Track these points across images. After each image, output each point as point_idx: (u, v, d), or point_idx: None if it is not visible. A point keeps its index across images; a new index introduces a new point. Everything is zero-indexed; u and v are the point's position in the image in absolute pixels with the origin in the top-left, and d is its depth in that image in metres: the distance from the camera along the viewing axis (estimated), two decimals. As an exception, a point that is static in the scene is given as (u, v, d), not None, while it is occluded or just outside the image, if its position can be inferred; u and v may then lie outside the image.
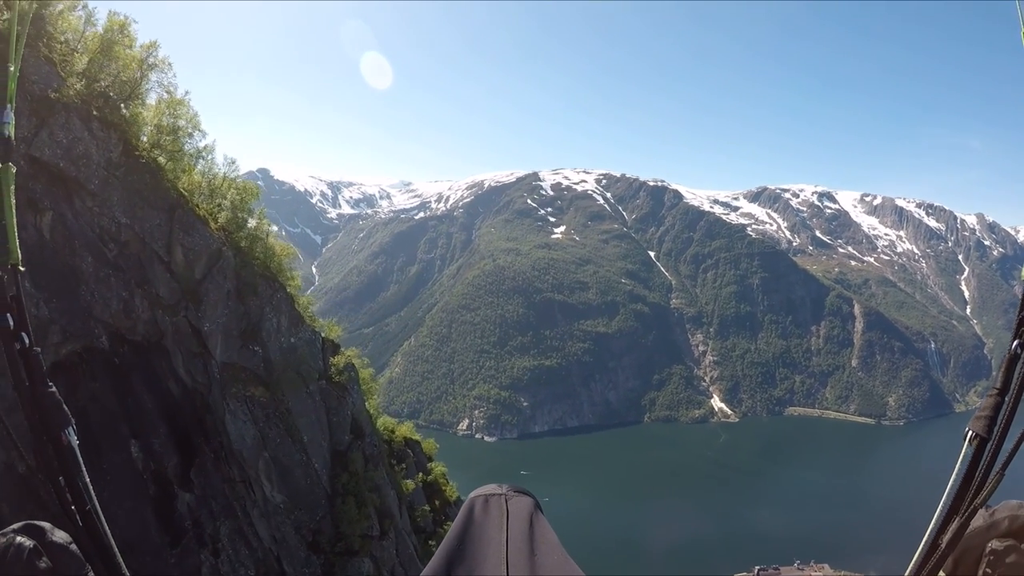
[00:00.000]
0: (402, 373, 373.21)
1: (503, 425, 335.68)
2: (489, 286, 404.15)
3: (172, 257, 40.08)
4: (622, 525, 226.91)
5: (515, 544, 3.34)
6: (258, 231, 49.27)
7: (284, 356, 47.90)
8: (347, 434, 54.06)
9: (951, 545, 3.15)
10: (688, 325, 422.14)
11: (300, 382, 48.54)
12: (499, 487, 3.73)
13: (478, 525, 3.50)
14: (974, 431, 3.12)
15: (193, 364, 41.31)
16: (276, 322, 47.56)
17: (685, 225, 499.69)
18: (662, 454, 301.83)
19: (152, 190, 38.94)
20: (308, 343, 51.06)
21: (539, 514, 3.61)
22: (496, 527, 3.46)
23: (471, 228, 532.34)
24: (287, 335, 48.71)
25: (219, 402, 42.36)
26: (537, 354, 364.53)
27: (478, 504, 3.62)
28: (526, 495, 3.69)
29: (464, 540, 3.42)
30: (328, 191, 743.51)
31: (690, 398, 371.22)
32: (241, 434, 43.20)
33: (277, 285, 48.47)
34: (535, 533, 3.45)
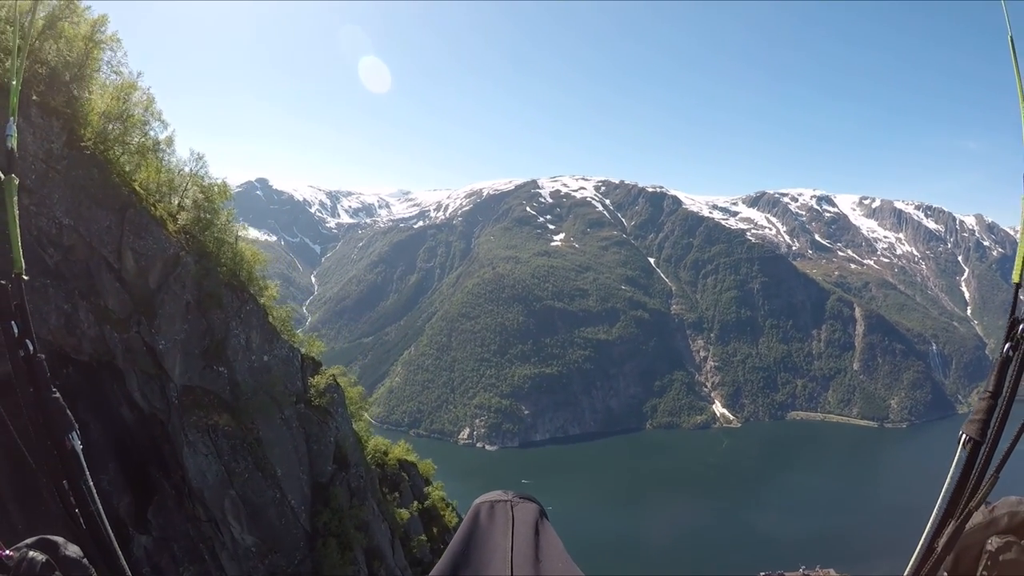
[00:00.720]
0: (402, 382, 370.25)
1: (504, 434, 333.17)
2: (489, 294, 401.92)
3: (123, 264, 36.43)
4: (625, 533, 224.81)
5: (520, 550, 3.33)
6: (224, 234, 45.00)
7: (254, 377, 43.28)
8: (329, 464, 49.46)
9: (947, 548, 3.12)
10: (689, 331, 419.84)
11: (273, 407, 43.69)
12: (504, 493, 3.76)
13: (483, 531, 3.50)
14: (968, 435, 3.12)
15: (149, 387, 37.98)
16: (245, 338, 43.20)
17: (684, 231, 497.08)
18: (664, 461, 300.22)
19: (100, 187, 35.31)
20: (284, 361, 47.01)
21: (544, 521, 3.63)
22: (501, 533, 3.45)
23: (470, 236, 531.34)
24: (258, 353, 44.28)
25: (178, 432, 38.33)
26: (538, 362, 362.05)
27: (483, 510, 3.62)
28: (532, 502, 3.71)
29: (469, 546, 3.43)
30: (327, 200, 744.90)
31: (692, 404, 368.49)
32: (201, 470, 38.83)
33: (246, 296, 44.32)
34: (540, 539, 3.45)
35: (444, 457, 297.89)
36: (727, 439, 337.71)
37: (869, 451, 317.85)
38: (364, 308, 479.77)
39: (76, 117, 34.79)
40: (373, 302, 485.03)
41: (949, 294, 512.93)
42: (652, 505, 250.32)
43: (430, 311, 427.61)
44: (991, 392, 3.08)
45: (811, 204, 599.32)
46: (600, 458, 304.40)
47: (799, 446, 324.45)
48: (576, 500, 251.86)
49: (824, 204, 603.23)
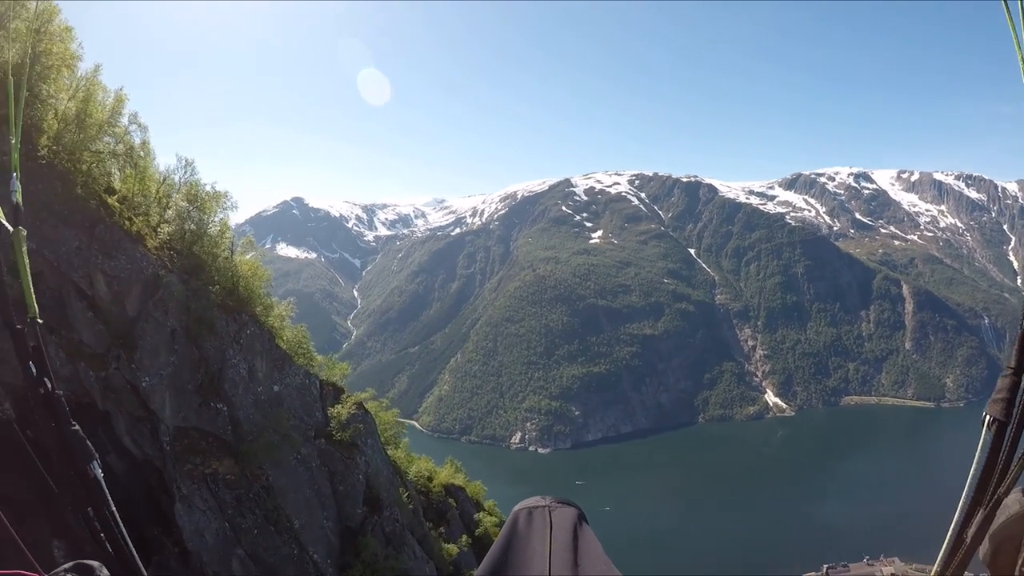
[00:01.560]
0: (451, 390, 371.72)
1: (556, 436, 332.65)
2: (531, 296, 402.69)
3: (95, 290, 32.01)
4: (683, 529, 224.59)
5: (558, 555, 3.33)
6: (216, 247, 39.77)
7: (261, 412, 38.04)
8: (359, 507, 43.67)
9: (977, 539, 3.04)
10: (735, 320, 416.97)
11: (286, 446, 38.35)
12: (543, 499, 3.74)
13: (522, 537, 3.50)
14: (991, 415, 3.00)
15: (138, 431, 33.03)
16: (247, 368, 37.89)
17: (723, 219, 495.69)
18: (719, 454, 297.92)
19: (64, 202, 30.92)
20: (299, 390, 41.90)
21: (583, 524, 3.62)
22: (539, 539, 3.45)
23: (508, 240, 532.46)
24: (266, 383, 39.02)
25: (171, 484, 33.27)
26: (585, 361, 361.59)
27: (522, 517, 3.63)
28: (570, 506, 3.71)
29: (507, 553, 3.42)
30: (363, 215, 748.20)
31: (743, 395, 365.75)
32: (199, 529, 33.23)
33: (245, 318, 38.94)
34: (579, 543, 3.45)
35: (496, 463, 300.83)
36: (781, 429, 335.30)
37: (927, 433, 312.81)
38: (408, 318, 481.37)
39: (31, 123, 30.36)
40: (417, 312, 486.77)
41: (997, 264, 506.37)
42: (709, 501, 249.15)
43: (474, 317, 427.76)
44: (1013, 368, 2.98)
45: (849, 182, 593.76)
46: (654, 455, 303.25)
47: (855, 432, 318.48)
48: (631, 499, 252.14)
49: (862, 181, 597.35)
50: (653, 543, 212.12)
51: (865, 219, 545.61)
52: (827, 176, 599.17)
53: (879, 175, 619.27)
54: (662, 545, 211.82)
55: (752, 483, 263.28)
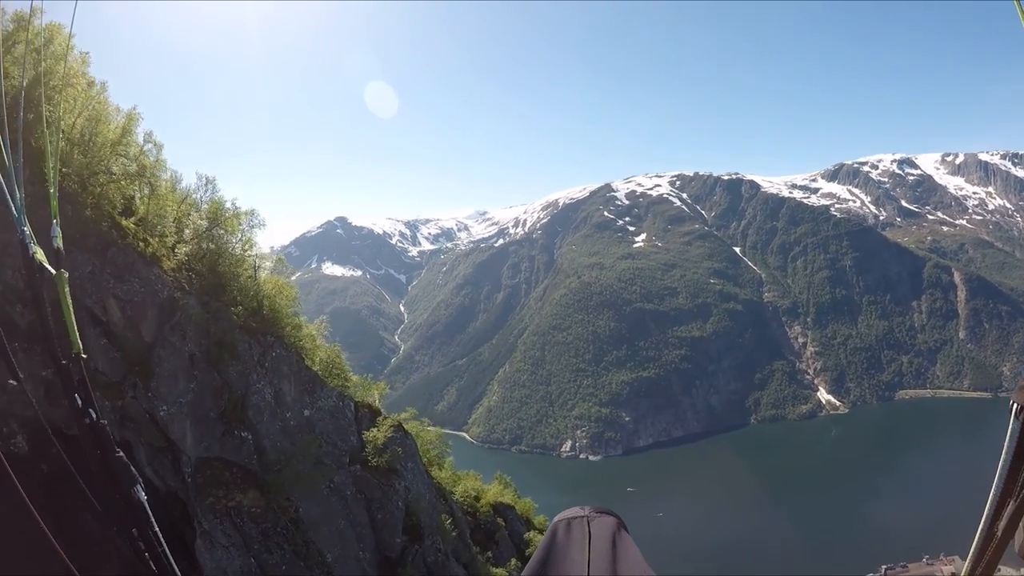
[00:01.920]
0: (500, 401, 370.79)
1: (607, 442, 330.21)
2: (577, 303, 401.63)
3: (109, 315, 31.23)
4: (738, 533, 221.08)
5: (597, 565, 3.33)
6: (238, 266, 38.09)
7: (289, 439, 36.59)
8: (399, 536, 41.73)
9: (1009, 532, 2.98)
10: (784, 318, 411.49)
11: (317, 475, 37.15)
12: (582, 509, 3.77)
13: (560, 549, 3.50)
14: (1020, 403, 2.96)
15: (159, 463, 32.13)
16: (273, 393, 36.39)
17: (767, 215, 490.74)
18: (772, 456, 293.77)
19: (75, 225, 29.51)
20: (332, 414, 40.25)
21: (623, 533, 3.63)
22: (578, 549, 3.45)
23: (552, 248, 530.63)
24: (296, 408, 37.36)
25: (193, 519, 32.01)
26: (634, 366, 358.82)
27: (560, 528, 3.64)
28: (609, 515, 3.73)
29: (546, 564, 3.43)
30: (406, 230, 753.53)
31: (795, 393, 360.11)
32: (221, 567, 31.35)
33: (271, 339, 37.33)
34: (618, 552, 3.44)
35: (547, 472, 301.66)
36: (835, 427, 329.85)
37: (986, 424, 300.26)
38: (455, 331, 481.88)
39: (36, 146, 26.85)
40: (463, 324, 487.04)
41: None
42: (763, 503, 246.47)
43: (520, 327, 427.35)
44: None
45: (892, 169, 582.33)
46: (706, 459, 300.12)
47: (911, 427, 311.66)
48: (685, 505, 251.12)
49: (906, 167, 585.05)
50: (708, 548, 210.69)
51: (911, 206, 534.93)
52: (870, 164, 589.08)
53: (923, 160, 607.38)
54: (718, 550, 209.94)
55: (807, 484, 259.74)
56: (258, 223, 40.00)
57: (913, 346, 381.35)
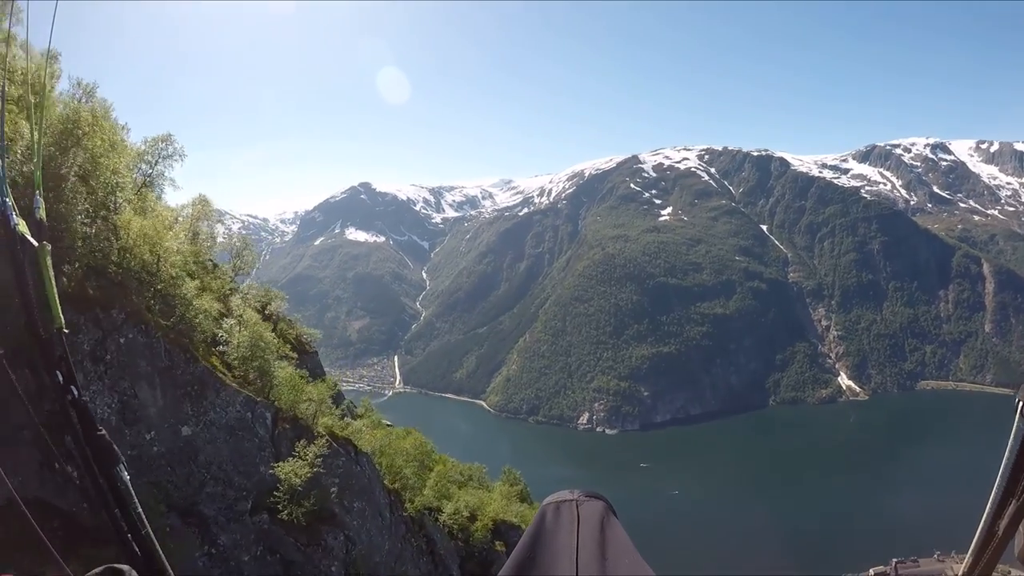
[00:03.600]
0: (519, 371, 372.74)
1: (624, 417, 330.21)
2: (600, 275, 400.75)
3: None
4: (750, 516, 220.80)
5: (586, 548, 3.33)
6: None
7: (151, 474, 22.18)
8: None
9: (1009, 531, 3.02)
10: (808, 299, 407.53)
11: (188, 533, 23.05)
12: (571, 493, 3.73)
13: (548, 532, 3.50)
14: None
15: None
16: (118, 403, 22.18)
17: (795, 194, 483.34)
18: (789, 439, 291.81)
19: None
20: (232, 431, 24.62)
21: (611, 517, 3.62)
22: (567, 532, 3.45)
23: (576, 219, 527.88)
24: (166, 424, 23.12)
25: None
26: (655, 341, 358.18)
27: (549, 512, 3.62)
28: (598, 499, 3.70)
29: (535, 548, 3.42)
30: (431, 197, 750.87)
31: (816, 377, 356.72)
32: None
33: (117, 318, 22.14)
34: (606, 536, 3.44)
35: (563, 444, 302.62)
36: (854, 413, 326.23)
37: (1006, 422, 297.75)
38: (476, 299, 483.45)
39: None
40: (485, 292, 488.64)
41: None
42: (777, 487, 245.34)
43: (542, 297, 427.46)
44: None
45: (925, 154, 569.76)
46: (723, 438, 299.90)
47: (931, 419, 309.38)
48: (699, 483, 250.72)
49: (939, 152, 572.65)
50: (719, 529, 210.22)
51: (943, 192, 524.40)
52: (903, 147, 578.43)
53: (957, 146, 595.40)
54: (728, 531, 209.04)
55: (822, 469, 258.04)
56: (176, 153, 27.43)
57: (937, 336, 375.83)
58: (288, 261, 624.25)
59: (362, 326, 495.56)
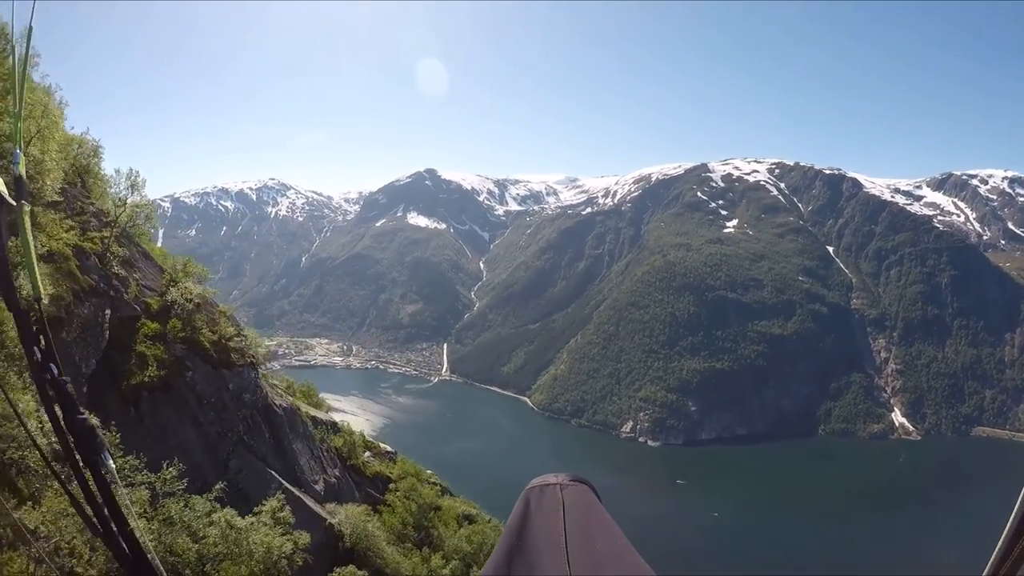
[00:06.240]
0: (567, 371, 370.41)
1: (668, 430, 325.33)
2: (659, 283, 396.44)
3: None
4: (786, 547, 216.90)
5: (573, 535, 3.30)
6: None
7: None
8: None
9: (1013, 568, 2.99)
10: (869, 328, 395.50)
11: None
12: (555, 477, 3.68)
13: (534, 518, 3.46)
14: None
15: None
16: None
17: (865, 217, 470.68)
18: (836, 472, 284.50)
19: None
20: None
21: (596, 502, 3.61)
22: (553, 518, 3.41)
23: (639, 223, 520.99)
24: None
25: None
26: (708, 356, 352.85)
27: (533, 496, 3.58)
28: (583, 483, 3.68)
29: (522, 535, 3.38)
30: (495, 189, 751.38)
31: (869, 410, 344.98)
32: None
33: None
34: (593, 521, 3.42)
35: (604, 450, 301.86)
36: (904, 453, 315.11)
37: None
38: (532, 294, 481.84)
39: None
40: (541, 289, 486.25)
41: None
42: (820, 520, 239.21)
43: (598, 299, 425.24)
44: None
45: (1003, 187, 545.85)
46: (768, 464, 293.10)
47: (984, 467, 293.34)
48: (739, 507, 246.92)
49: (1017, 187, 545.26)
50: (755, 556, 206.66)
51: (1018, 230, 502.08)
52: (980, 179, 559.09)
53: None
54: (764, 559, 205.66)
55: (866, 508, 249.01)
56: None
57: (999, 381, 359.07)
58: (348, 240, 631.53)
59: (415, 311, 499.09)
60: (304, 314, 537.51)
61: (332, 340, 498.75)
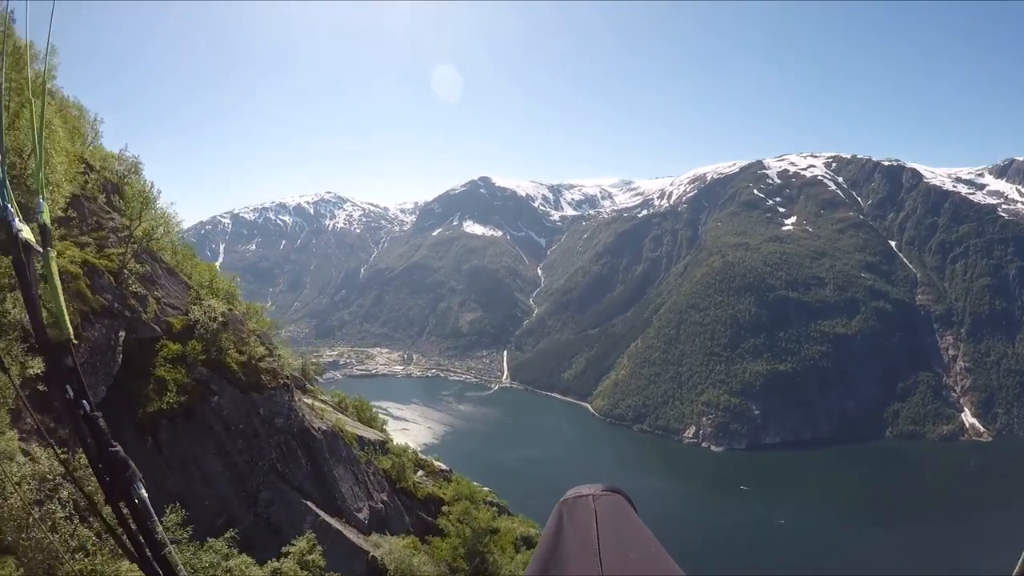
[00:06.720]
0: (628, 376, 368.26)
1: (732, 434, 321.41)
2: (718, 284, 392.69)
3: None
4: (854, 555, 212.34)
5: (607, 544, 3.31)
6: None
7: None
8: None
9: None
10: (936, 325, 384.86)
11: None
12: (589, 488, 3.70)
13: (567, 529, 3.47)
14: None
15: None
16: None
17: (927, 209, 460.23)
18: (902, 477, 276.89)
19: None
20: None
21: (631, 511, 3.61)
22: (586, 529, 3.43)
23: (696, 223, 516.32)
24: None
25: None
26: (771, 358, 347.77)
27: (566, 508, 3.60)
28: (616, 493, 3.69)
29: (557, 547, 3.40)
30: (549, 194, 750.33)
31: (937, 411, 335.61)
32: None
33: None
34: (626, 530, 3.44)
35: (666, 456, 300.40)
36: (975, 456, 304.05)
37: None
38: (590, 299, 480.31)
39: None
40: (599, 293, 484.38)
41: None
42: (889, 527, 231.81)
43: (657, 302, 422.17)
44: None
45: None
46: (834, 468, 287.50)
47: None
48: (805, 514, 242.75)
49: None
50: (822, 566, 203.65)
51: None
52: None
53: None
54: (830, 568, 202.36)
55: (936, 515, 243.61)
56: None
57: None
58: (405, 250, 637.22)
59: (474, 318, 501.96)
60: (364, 324, 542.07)
61: (392, 349, 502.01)
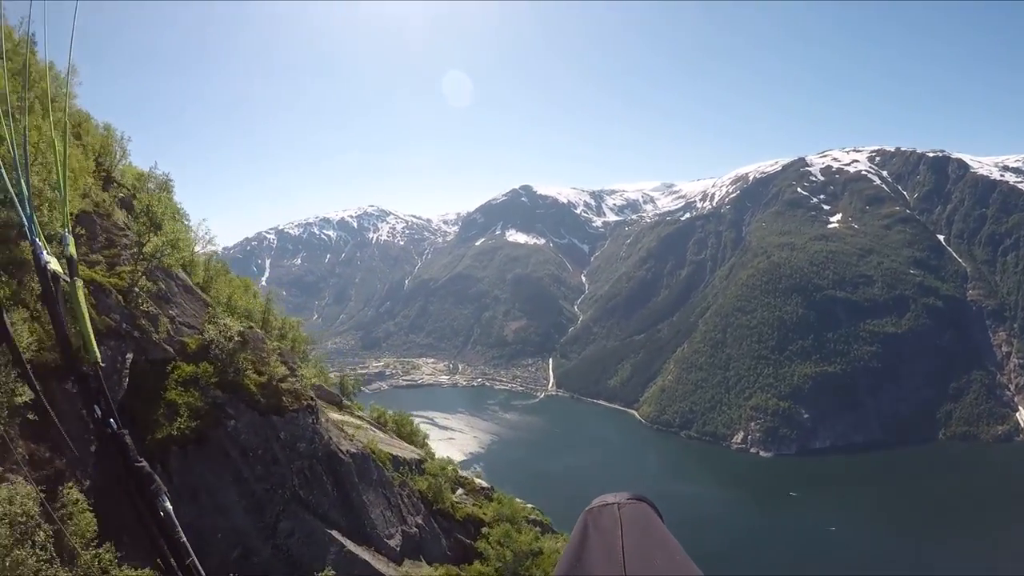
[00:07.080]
0: (674, 381, 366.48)
1: (781, 439, 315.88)
2: (764, 285, 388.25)
3: None
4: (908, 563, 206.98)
5: (631, 552, 3.32)
6: None
7: None
8: None
9: None
10: (988, 321, 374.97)
11: None
12: (614, 496, 3.70)
13: (592, 538, 3.47)
14: None
15: None
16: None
17: (976, 200, 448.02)
18: (960, 480, 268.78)
19: None
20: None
21: (656, 519, 3.62)
22: (611, 537, 3.43)
23: (740, 225, 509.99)
24: None
25: None
26: (819, 359, 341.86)
27: (591, 517, 3.59)
28: (642, 501, 3.69)
29: (581, 555, 3.41)
30: (591, 200, 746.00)
31: (992, 410, 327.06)
32: None
33: None
34: (651, 538, 3.45)
35: (715, 462, 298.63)
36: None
37: None
38: (635, 305, 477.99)
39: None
40: (644, 299, 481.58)
41: None
42: (940, 532, 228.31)
43: (703, 306, 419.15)
44: None
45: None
46: (887, 472, 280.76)
47: None
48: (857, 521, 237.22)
49: None
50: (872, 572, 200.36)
51: None
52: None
53: None
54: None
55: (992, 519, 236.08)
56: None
57: None
58: (449, 260, 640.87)
59: (519, 327, 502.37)
60: (409, 335, 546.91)
61: (438, 359, 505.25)
